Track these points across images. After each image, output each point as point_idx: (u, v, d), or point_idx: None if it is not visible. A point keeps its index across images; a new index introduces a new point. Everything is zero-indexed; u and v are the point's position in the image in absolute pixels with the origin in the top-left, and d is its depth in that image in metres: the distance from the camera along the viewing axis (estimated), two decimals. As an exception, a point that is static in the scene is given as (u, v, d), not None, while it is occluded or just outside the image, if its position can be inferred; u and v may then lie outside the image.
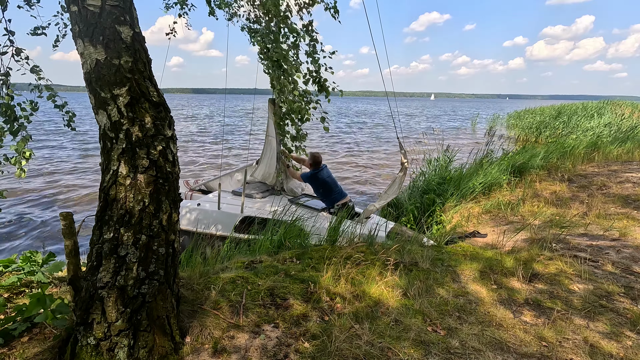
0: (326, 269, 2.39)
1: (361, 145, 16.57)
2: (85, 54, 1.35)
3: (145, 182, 1.41)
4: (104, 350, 1.37)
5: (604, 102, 22.40)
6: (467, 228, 4.69)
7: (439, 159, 7.00)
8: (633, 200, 4.77)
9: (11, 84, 2.45)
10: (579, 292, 2.39)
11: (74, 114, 2.85)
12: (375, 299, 2.15)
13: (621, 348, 1.82)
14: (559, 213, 4.55)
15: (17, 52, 2.36)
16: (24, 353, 1.41)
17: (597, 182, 5.68)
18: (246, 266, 2.49)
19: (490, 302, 2.22)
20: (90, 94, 1.39)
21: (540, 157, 6.97)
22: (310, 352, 1.63)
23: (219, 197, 4.61)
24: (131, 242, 1.40)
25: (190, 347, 1.57)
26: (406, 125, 27.61)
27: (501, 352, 1.76)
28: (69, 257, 1.45)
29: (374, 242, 3.10)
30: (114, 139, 1.38)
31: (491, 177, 5.96)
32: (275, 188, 5.43)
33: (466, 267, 2.69)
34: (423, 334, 1.83)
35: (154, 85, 1.47)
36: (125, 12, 1.37)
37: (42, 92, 2.58)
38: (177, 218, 1.57)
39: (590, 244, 3.38)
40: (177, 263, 1.63)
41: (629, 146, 8.31)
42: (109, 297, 1.37)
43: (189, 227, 4.56)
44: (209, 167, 11.90)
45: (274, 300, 2.03)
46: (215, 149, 15.43)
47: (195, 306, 1.83)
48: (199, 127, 24.87)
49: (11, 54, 2.34)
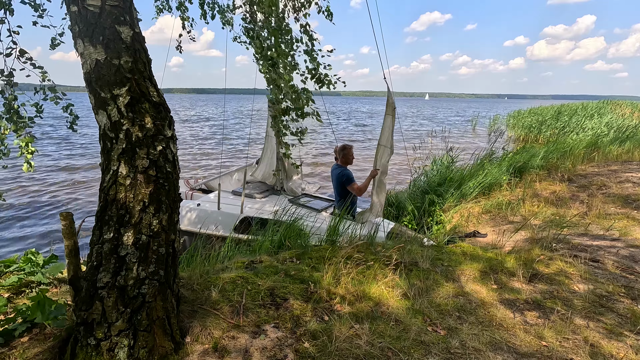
0: (326, 269, 2.39)
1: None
2: (85, 54, 1.35)
3: (145, 182, 1.41)
4: (104, 351, 1.37)
5: (604, 102, 22.41)
6: (467, 228, 4.69)
7: (442, 159, 7.01)
8: (633, 200, 4.77)
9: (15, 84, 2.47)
10: (580, 292, 2.39)
11: (77, 117, 2.86)
12: (375, 299, 2.15)
13: (621, 348, 1.82)
14: (559, 213, 4.55)
15: (21, 52, 2.37)
16: (24, 353, 1.41)
17: (597, 182, 5.68)
18: (246, 266, 2.49)
19: (490, 302, 2.22)
20: (90, 94, 1.39)
21: (540, 157, 6.97)
22: (310, 352, 1.62)
23: (219, 197, 4.61)
24: (131, 242, 1.40)
25: (191, 347, 1.57)
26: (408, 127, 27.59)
27: (501, 352, 1.75)
28: (69, 257, 1.45)
29: (374, 242, 3.10)
30: (114, 139, 1.38)
31: (491, 177, 5.96)
32: (275, 188, 5.43)
33: (466, 267, 2.68)
34: (423, 334, 1.83)
35: (154, 85, 1.47)
36: (125, 12, 1.37)
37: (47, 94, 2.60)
38: (177, 218, 1.57)
39: (590, 244, 3.38)
40: (178, 263, 1.63)
41: (629, 146, 8.31)
42: (109, 297, 1.37)
43: (189, 227, 4.57)
44: (209, 167, 11.91)
45: (274, 300, 2.03)
46: (215, 149, 15.43)
47: (196, 306, 1.83)
48: (199, 127, 24.88)
49: (15, 56, 2.35)
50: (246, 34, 3.69)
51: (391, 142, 3.91)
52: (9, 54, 2.33)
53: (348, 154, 4.31)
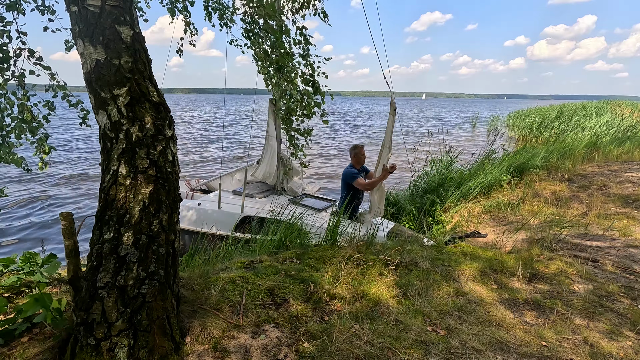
0: (326, 269, 2.39)
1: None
2: (85, 54, 1.34)
3: (145, 182, 1.41)
4: (104, 351, 1.37)
5: (604, 102, 22.41)
6: (467, 228, 4.69)
7: (441, 159, 7.02)
8: (633, 200, 4.77)
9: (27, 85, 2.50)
10: (579, 292, 2.39)
11: (88, 112, 2.94)
12: (375, 299, 2.15)
13: (621, 348, 1.82)
14: (559, 213, 4.56)
15: (30, 53, 2.38)
16: (24, 353, 1.41)
17: (597, 182, 5.68)
18: (246, 266, 2.49)
19: (490, 302, 2.22)
20: (90, 94, 1.39)
21: (540, 157, 6.98)
22: (310, 352, 1.63)
23: (219, 197, 4.61)
24: (131, 242, 1.39)
25: (191, 347, 1.57)
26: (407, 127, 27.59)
27: (501, 352, 1.75)
28: (69, 257, 1.45)
29: (374, 242, 3.10)
30: (114, 139, 1.38)
31: (491, 177, 5.96)
32: (275, 188, 5.43)
33: (466, 267, 2.68)
34: (423, 334, 1.83)
35: (154, 85, 1.47)
36: (125, 12, 1.37)
37: (57, 92, 2.66)
38: (177, 218, 1.57)
39: (590, 244, 3.38)
40: (178, 263, 1.63)
41: (629, 146, 8.32)
42: (109, 297, 1.37)
43: (190, 227, 4.57)
44: (209, 167, 11.91)
45: (274, 300, 2.03)
46: (216, 149, 15.43)
47: (196, 306, 1.83)
48: (199, 127, 24.88)
49: (25, 56, 2.37)
50: (245, 35, 3.69)
51: (390, 142, 3.91)
52: (19, 55, 2.35)
53: (359, 153, 4.26)
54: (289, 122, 4.00)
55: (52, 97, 2.67)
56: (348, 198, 4.01)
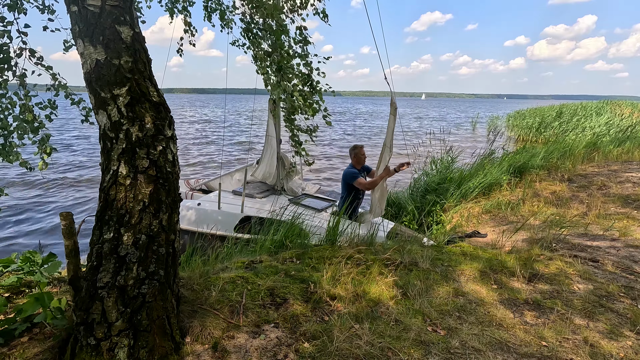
0: (326, 269, 2.39)
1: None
2: (85, 54, 1.35)
3: (145, 182, 1.41)
4: (104, 350, 1.37)
5: (604, 102, 22.42)
6: (467, 228, 4.69)
7: (442, 159, 7.02)
8: (633, 200, 4.77)
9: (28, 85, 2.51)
10: (579, 292, 2.39)
11: (90, 109, 2.96)
12: (375, 299, 2.15)
13: (621, 348, 1.82)
14: (559, 213, 4.55)
15: (31, 52, 2.39)
16: (24, 353, 1.41)
17: (597, 182, 5.68)
18: (246, 266, 2.49)
19: (490, 302, 2.22)
20: (90, 94, 1.39)
21: (540, 157, 6.98)
22: (310, 352, 1.63)
23: (219, 197, 4.62)
24: (131, 242, 1.40)
25: (191, 347, 1.57)
26: (406, 127, 27.57)
27: (501, 352, 1.75)
28: (69, 257, 1.45)
29: (374, 242, 3.10)
30: (114, 139, 1.38)
31: (491, 177, 5.96)
32: (275, 188, 5.43)
33: (466, 267, 2.68)
34: (423, 334, 1.83)
35: (154, 85, 1.47)
36: (125, 12, 1.37)
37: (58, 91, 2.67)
38: (177, 218, 1.57)
39: (590, 244, 3.38)
40: (178, 263, 1.63)
41: (629, 146, 8.32)
42: (109, 297, 1.37)
43: (190, 227, 4.57)
44: (209, 167, 11.91)
45: (274, 300, 2.03)
46: (216, 149, 15.43)
47: (195, 306, 1.83)
48: (199, 127, 24.88)
49: (26, 56, 2.37)
50: (244, 35, 3.69)
51: (391, 142, 3.90)
52: (20, 54, 2.35)
53: (359, 153, 4.25)
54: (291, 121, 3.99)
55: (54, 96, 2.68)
56: (349, 199, 4.00)
